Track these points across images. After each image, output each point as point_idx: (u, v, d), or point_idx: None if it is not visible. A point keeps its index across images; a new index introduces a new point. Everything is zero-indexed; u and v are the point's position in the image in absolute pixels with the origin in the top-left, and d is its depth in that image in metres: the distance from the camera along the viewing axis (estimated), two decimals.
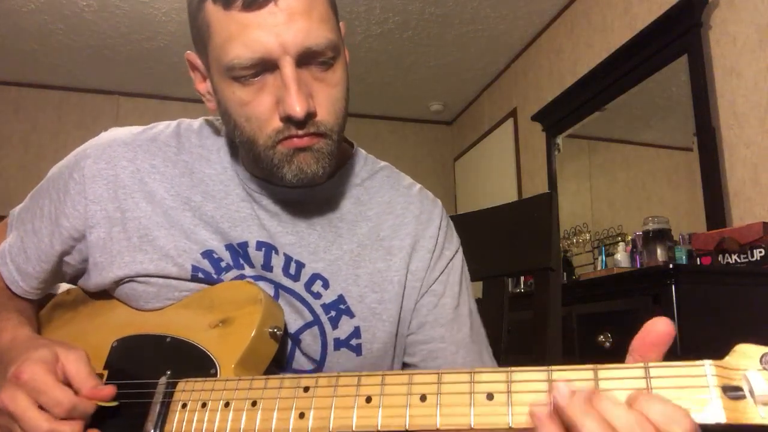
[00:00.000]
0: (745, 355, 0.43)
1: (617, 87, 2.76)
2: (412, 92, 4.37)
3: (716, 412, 0.41)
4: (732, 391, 0.42)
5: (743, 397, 0.41)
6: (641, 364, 0.45)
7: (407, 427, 0.50)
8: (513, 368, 0.48)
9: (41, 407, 0.61)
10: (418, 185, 0.88)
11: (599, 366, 0.46)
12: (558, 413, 0.44)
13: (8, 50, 3.64)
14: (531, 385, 0.47)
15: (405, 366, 0.83)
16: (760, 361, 0.42)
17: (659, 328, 0.45)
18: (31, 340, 0.71)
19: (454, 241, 0.86)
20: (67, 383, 0.64)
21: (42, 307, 0.87)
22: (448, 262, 0.83)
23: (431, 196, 0.87)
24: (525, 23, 3.45)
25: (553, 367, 0.47)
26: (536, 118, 3.42)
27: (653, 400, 0.42)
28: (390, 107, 4.60)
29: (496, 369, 0.49)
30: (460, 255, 0.85)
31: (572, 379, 0.46)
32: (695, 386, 0.42)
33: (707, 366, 0.43)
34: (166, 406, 0.64)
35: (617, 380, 0.45)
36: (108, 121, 4.10)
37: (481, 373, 0.50)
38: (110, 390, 0.63)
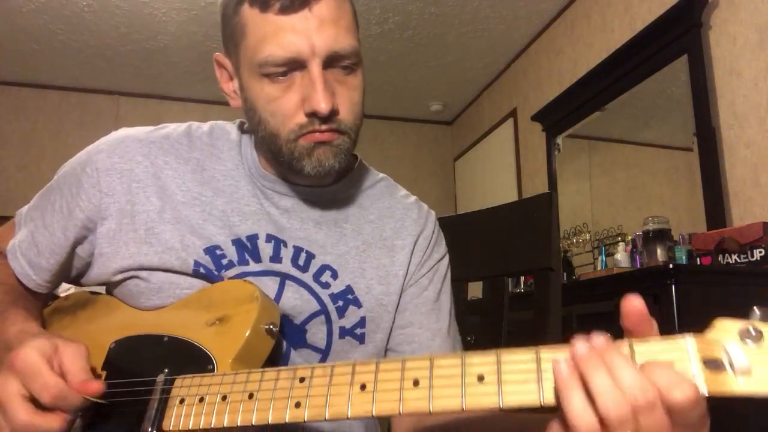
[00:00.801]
0: (725, 329, 0.44)
1: (617, 87, 2.76)
2: (412, 92, 4.38)
3: (698, 384, 0.43)
4: (712, 364, 0.43)
5: (723, 369, 0.43)
6: (626, 341, 0.46)
7: (401, 412, 0.52)
8: (502, 350, 0.50)
9: (31, 397, 0.61)
10: (414, 196, 0.94)
11: None
12: (575, 367, 0.45)
13: (8, 50, 3.64)
14: (520, 366, 0.49)
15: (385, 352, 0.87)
16: (739, 334, 0.43)
17: (637, 304, 0.47)
18: (38, 334, 0.71)
19: (443, 247, 0.92)
20: (62, 375, 0.63)
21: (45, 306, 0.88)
22: (435, 264, 0.89)
23: (426, 206, 0.94)
24: (525, 23, 3.45)
25: (541, 347, 0.49)
26: (536, 118, 3.43)
27: (660, 366, 0.43)
28: (390, 107, 4.61)
29: (486, 352, 0.51)
30: (445, 261, 0.91)
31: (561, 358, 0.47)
32: (677, 360, 0.44)
33: (688, 340, 0.44)
34: (163, 403, 0.64)
35: None
36: (108, 121, 4.11)
37: (471, 356, 0.51)
38: (98, 385, 0.63)
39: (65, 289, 0.98)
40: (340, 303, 0.80)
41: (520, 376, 0.48)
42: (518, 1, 3.24)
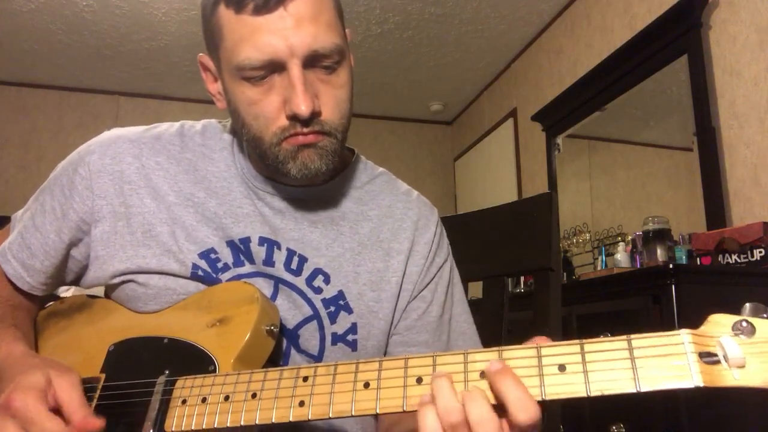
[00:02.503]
0: (719, 323, 0.46)
1: (617, 87, 2.76)
2: (412, 92, 4.37)
3: (694, 377, 0.44)
4: (708, 357, 0.45)
5: (718, 362, 0.45)
6: (624, 337, 0.48)
7: (405, 409, 0.52)
8: (503, 347, 0.51)
9: None
10: (416, 192, 0.91)
11: (585, 341, 0.49)
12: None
13: (8, 50, 3.64)
14: (521, 362, 0.50)
15: None
16: (733, 328, 0.45)
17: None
18: (24, 358, 0.70)
19: (445, 248, 0.89)
20: (58, 409, 0.62)
21: (42, 309, 0.87)
22: (438, 270, 0.86)
23: (429, 203, 0.90)
24: (525, 23, 3.45)
25: (542, 344, 0.50)
26: (536, 118, 3.43)
27: (513, 383, 0.48)
28: (390, 107, 4.61)
29: (488, 349, 0.52)
30: (449, 263, 0.88)
31: (560, 353, 0.49)
32: (674, 354, 0.46)
33: (684, 335, 0.46)
34: (165, 403, 0.64)
35: (602, 352, 0.48)
36: (108, 121, 4.10)
37: (474, 354, 0.52)
38: (100, 422, 0.62)
39: (65, 289, 0.98)
40: (332, 308, 0.78)
41: (522, 371, 0.49)
42: (518, 1, 3.24)
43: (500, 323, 1.06)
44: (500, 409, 0.48)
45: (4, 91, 4.02)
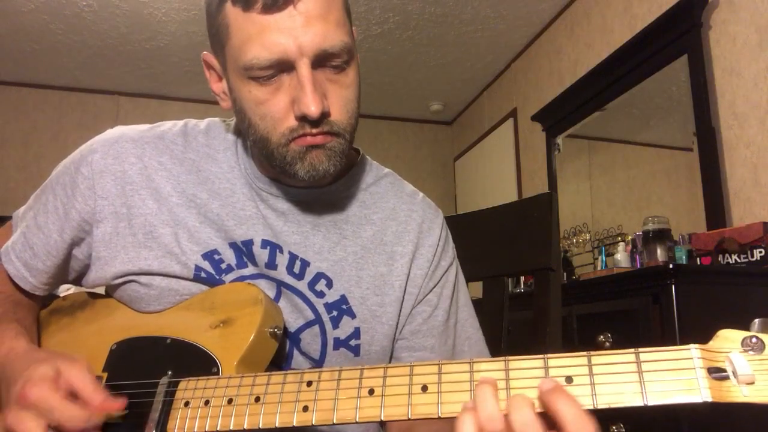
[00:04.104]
0: (728, 339, 0.46)
1: (617, 87, 2.76)
2: (412, 92, 4.37)
3: (702, 392, 0.44)
4: (716, 372, 0.45)
5: (727, 377, 0.45)
6: (632, 350, 0.48)
7: (410, 417, 0.52)
8: (510, 357, 0.51)
9: (50, 426, 0.60)
10: (421, 194, 0.90)
11: (593, 353, 0.49)
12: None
13: (8, 50, 3.64)
14: (527, 372, 0.50)
15: None
16: (742, 344, 0.45)
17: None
18: (28, 353, 0.70)
19: (450, 252, 0.88)
20: (73, 396, 0.62)
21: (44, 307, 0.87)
22: (443, 274, 0.85)
23: (434, 206, 0.89)
24: (525, 23, 3.45)
25: (549, 356, 0.49)
26: (536, 118, 3.43)
27: (567, 401, 0.46)
28: (390, 107, 4.60)
29: (494, 359, 0.51)
30: (454, 267, 0.88)
31: (567, 365, 0.49)
32: (682, 368, 0.46)
33: (693, 350, 0.46)
34: (168, 405, 0.64)
35: (610, 365, 0.48)
36: (108, 121, 4.10)
37: (479, 363, 0.52)
38: (122, 402, 0.63)
39: (65, 289, 0.97)
40: (335, 313, 0.78)
41: (528, 382, 0.49)
42: (518, 1, 3.24)
43: (500, 323, 1.06)
44: (549, 424, 0.47)
45: (4, 91, 4.02)
